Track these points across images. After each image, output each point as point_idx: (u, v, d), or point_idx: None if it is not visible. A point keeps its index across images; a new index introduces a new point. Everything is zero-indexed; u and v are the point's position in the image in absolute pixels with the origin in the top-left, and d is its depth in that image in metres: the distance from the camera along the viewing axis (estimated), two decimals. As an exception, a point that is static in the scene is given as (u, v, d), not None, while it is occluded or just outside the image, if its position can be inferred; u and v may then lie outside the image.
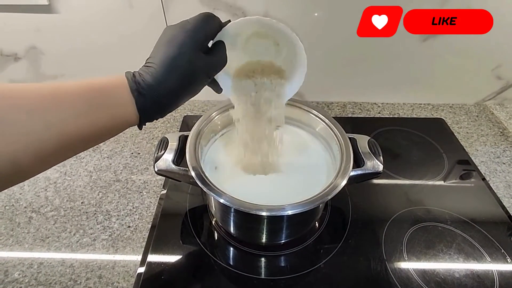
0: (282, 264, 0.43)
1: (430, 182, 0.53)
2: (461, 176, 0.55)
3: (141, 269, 0.41)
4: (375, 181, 0.53)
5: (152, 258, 0.42)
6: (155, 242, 0.44)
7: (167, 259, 0.42)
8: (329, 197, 0.34)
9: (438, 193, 0.52)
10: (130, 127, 0.30)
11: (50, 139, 0.25)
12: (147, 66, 0.29)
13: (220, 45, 0.33)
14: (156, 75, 0.28)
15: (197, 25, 0.30)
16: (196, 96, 0.33)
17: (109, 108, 0.27)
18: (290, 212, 0.33)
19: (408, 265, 0.42)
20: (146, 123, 0.31)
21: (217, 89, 0.37)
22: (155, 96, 0.29)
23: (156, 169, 0.40)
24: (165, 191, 0.51)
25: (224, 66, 0.33)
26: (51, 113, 0.25)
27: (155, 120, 0.31)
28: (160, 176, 0.53)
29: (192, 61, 0.29)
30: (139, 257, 0.42)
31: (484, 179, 0.54)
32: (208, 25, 0.31)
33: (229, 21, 0.34)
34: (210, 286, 0.40)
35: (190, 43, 0.29)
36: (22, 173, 0.25)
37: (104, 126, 0.28)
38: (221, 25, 0.32)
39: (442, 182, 0.54)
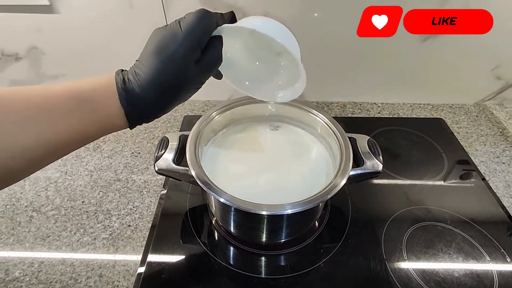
0: (282, 263, 0.43)
1: (430, 182, 0.53)
2: (461, 176, 0.55)
3: (141, 269, 0.41)
4: (375, 181, 0.53)
5: (152, 257, 0.42)
6: (155, 242, 0.44)
7: (167, 259, 0.42)
8: (329, 196, 0.34)
9: (437, 193, 0.52)
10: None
11: (40, 148, 0.26)
12: (136, 72, 0.28)
13: (215, 43, 0.30)
14: (145, 86, 0.28)
15: (189, 31, 0.28)
16: (196, 96, 0.33)
17: (99, 116, 0.28)
18: (290, 211, 0.33)
19: (407, 264, 0.42)
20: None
21: (218, 77, 0.37)
22: (144, 106, 0.29)
23: (156, 168, 0.40)
24: (165, 191, 0.51)
25: (219, 66, 0.32)
26: (41, 124, 0.25)
27: (154, 120, 0.31)
28: (160, 176, 0.53)
29: (183, 73, 0.29)
30: (139, 256, 0.43)
31: (484, 179, 0.54)
32: (203, 27, 0.29)
33: (232, 12, 0.32)
34: (210, 285, 0.40)
35: (180, 54, 0.28)
36: (14, 176, 0.27)
37: (94, 132, 0.28)
38: (218, 22, 0.30)
39: (441, 182, 0.54)
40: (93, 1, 0.55)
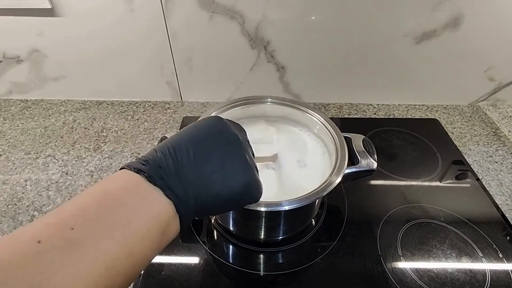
0: (280, 260, 0.44)
1: (425, 181, 0.55)
2: (455, 175, 0.56)
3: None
4: (371, 180, 0.54)
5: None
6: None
7: (167, 257, 0.43)
8: (324, 193, 0.35)
9: (432, 192, 0.53)
10: (131, 128, 0.29)
11: None
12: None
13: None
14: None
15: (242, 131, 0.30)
16: (195, 97, 0.33)
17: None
18: (287, 208, 0.34)
19: (402, 260, 0.43)
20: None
21: None
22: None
23: (156, 168, 0.41)
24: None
25: None
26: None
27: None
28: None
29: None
30: (140, 254, 0.43)
31: (478, 179, 0.55)
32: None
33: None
34: (210, 282, 0.41)
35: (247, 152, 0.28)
36: None
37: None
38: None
39: (436, 181, 0.55)
40: (94, 5, 0.56)
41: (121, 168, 0.24)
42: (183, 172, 0.24)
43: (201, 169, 0.25)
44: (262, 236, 0.44)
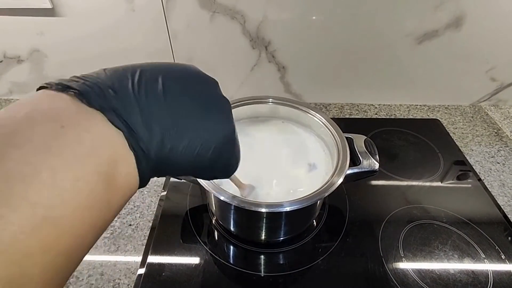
0: (281, 261, 0.43)
1: (426, 182, 0.54)
2: (457, 176, 0.56)
3: (141, 270, 0.41)
4: (372, 180, 0.54)
5: (152, 259, 0.43)
6: (155, 243, 0.44)
7: (168, 257, 0.43)
8: (326, 194, 0.35)
9: (433, 192, 0.53)
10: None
11: None
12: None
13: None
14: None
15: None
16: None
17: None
18: (288, 209, 0.34)
19: (404, 261, 0.43)
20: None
21: None
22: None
23: (157, 168, 0.40)
24: (165, 193, 0.51)
25: None
26: None
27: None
28: (161, 176, 0.54)
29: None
30: (140, 255, 0.43)
31: (480, 179, 0.55)
32: None
33: None
34: (210, 282, 0.41)
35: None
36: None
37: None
38: None
39: (438, 181, 0.55)
40: (95, 5, 0.56)
41: (39, 88, 0.17)
42: (146, 103, 0.17)
43: (171, 105, 0.18)
44: (263, 237, 0.44)
